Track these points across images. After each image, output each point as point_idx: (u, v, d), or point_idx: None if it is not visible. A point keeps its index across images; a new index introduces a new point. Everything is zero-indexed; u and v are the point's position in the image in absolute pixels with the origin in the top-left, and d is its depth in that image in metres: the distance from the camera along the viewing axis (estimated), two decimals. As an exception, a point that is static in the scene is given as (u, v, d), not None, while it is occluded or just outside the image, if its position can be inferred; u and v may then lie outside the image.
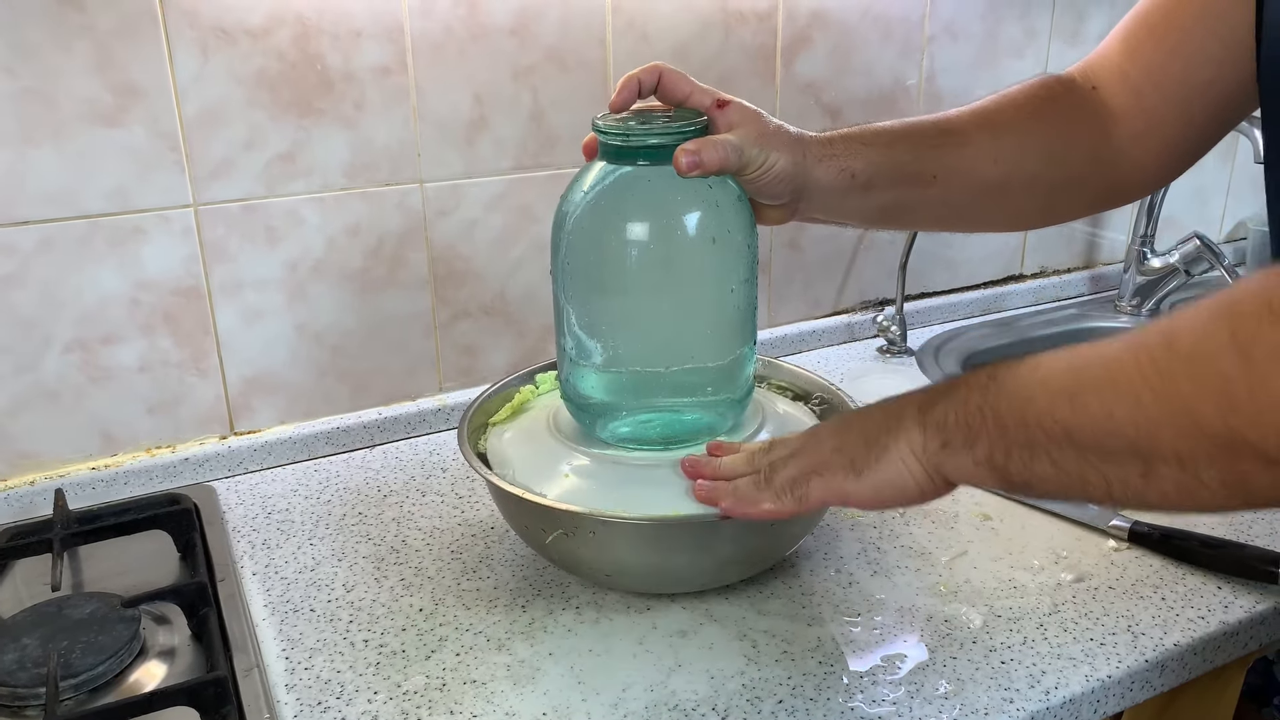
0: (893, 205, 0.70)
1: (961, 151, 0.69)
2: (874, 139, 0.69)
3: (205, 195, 0.87)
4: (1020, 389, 0.51)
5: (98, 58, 0.80)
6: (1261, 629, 0.72)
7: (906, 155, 0.68)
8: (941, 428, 0.55)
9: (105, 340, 0.87)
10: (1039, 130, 0.70)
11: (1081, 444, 0.48)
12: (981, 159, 0.69)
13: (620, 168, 0.70)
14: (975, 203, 0.72)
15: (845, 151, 0.68)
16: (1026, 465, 0.51)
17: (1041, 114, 0.71)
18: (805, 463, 0.61)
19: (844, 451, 0.60)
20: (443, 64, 0.93)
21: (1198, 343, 0.43)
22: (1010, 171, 0.70)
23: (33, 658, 0.65)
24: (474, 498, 0.88)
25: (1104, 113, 0.70)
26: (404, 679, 0.66)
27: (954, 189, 0.70)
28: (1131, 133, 0.70)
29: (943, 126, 0.70)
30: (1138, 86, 0.69)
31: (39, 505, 0.86)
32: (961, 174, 0.69)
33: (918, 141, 0.69)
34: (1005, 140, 0.70)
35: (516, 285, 1.02)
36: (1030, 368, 0.51)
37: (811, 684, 0.65)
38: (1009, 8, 1.21)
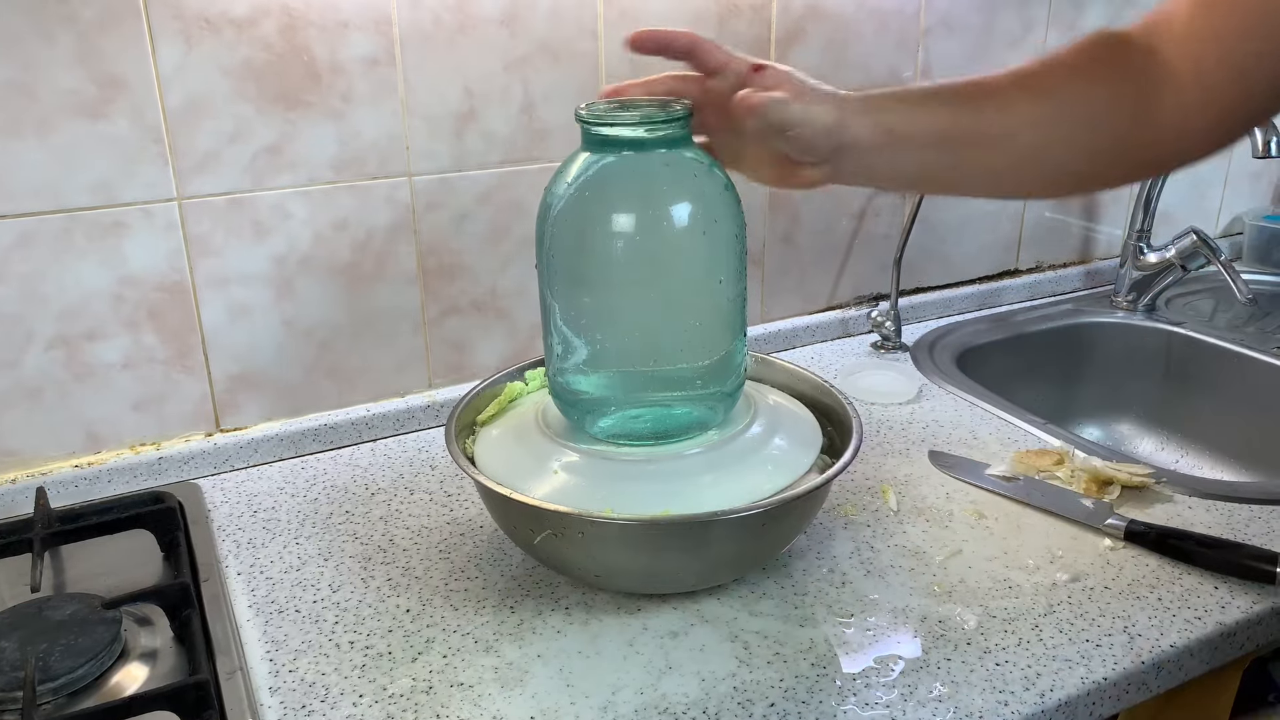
0: (930, 166, 0.69)
1: (1000, 114, 0.67)
2: (912, 98, 0.68)
3: (190, 189, 0.86)
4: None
5: (80, 48, 0.79)
6: (1259, 629, 0.72)
7: (944, 114, 0.67)
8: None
9: (88, 336, 0.85)
10: (1082, 93, 0.68)
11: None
12: (1020, 121, 0.67)
13: (604, 158, 0.69)
14: (1012, 167, 0.70)
15: (883, 107, 0.67)
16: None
17: (1088, 75, 0.68)
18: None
19: None
20: (432, 56, 0.91)
21: None
22: (1049, 135, 0.68)
23: (10, 661, 0.64)
24: (463, 496, 0.87)
25: (1158, 78, 0.67)
26: (390, 682, 0.65)
27: (991, 151, 0.68)
28: (1183, 102, 0.66)
29: (983, 87, 0.68)
30: (1199, 56, 0.66)
31: (19, 504, 0.84)
32: (999, 136, 0.68)
33: (957, 102, 0.68)
34: (1046, 103, 0.68)
35: (507, 280, 1.01)
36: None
37: (804, 686, 0.64)
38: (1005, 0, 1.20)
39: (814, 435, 0.76)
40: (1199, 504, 0.85)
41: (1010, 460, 0.90)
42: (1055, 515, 0.83)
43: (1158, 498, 0.86)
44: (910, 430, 0.98)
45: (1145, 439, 1.27)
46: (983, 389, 1.07)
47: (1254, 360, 1.17)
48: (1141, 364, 1.29)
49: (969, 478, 0.89)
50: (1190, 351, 1.25)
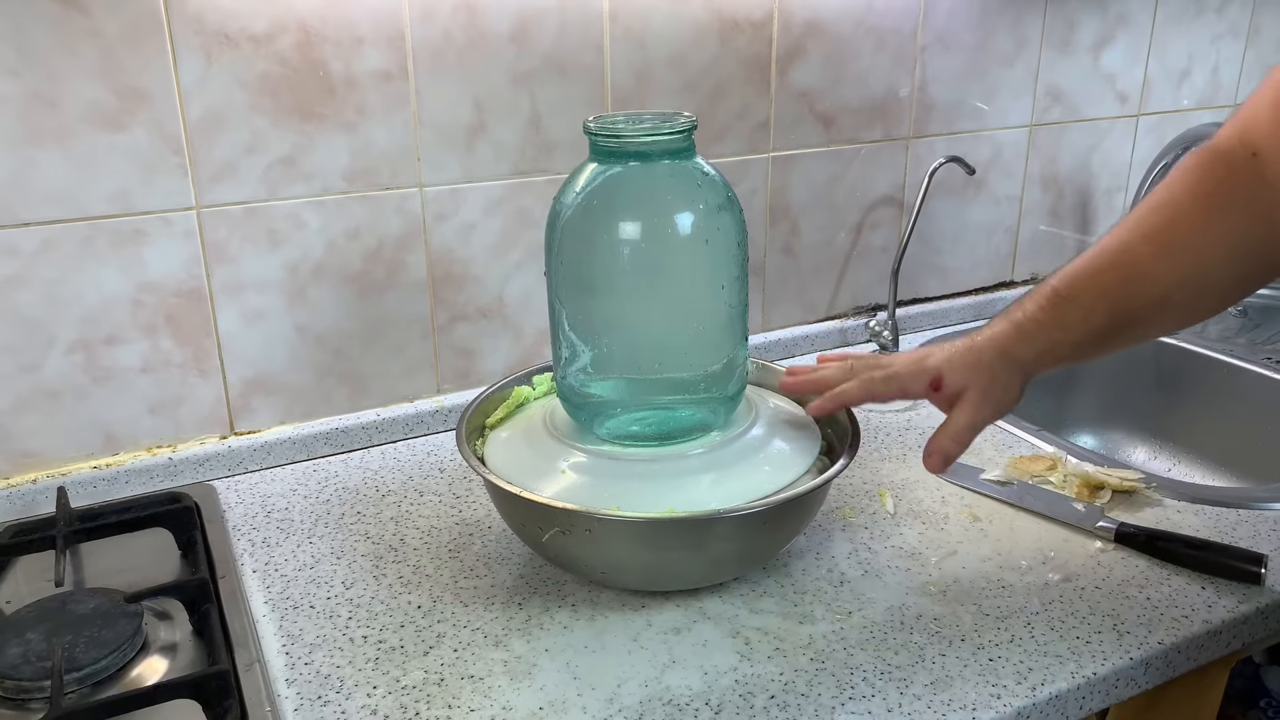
0: (1096, 354, 0.72)
1: (1150, 287, 0.69)
2: (1068, 318, 0.69)
3: (207, 198, 0.88)
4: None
5: (103, 62, 0.81)
6: (1244, 628, 0.74)
7: (1100, 317, 0.69)
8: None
9: (107, 341, 0.88)
10: (1214, 234, 0.68)
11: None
12: (1168, 285, 0.68)
13: (611, 168, 0.71)
14: (1171, 322, 0.72)
15: (1052, 345, 0.70)
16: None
17: (1209, 211, 0.69)
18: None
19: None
20: (443, 70, 0.94)
21: None
22: (1198, 285, 0.69)
23: (37, 652, 0.66)
24: (471, 498, 0.89)
25: (1271, 181, 0.68)
26: (403, 674, 0.67)
27: (1150, 324, 0.71)
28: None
29: (1125, 268, 0.69)
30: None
31: (41, 503, 0.87)
32: (1154, 309, 0.69)
33: (1107, 299, 0.69)
34: (1184, 257, 0.68)
35: (514, 289, 1.04)
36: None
37: (803, 680, 0.66)
38: (1000, 17, 1.23)
39: (813, 438, 0.79)
40: (1187, 508, 0.87)
41: (1004, 465, 0.93)
42: (1048, 518, 0.85)
43: (1147, 502, 0.88)
44: (907, 436, 1.01)
45: (1138, 448, 1.29)
46: (978, 397, 1.09)
47: (1244, 371, 1.20)
48: (1134, 374, 1.31)
49: (964, 482, 0.91)
50: (1182, 362, 1.27)
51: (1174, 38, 1.38)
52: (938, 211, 1.28)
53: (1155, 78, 1.39)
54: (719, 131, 1.09)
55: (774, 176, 1.15)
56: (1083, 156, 1.38)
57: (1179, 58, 1.39)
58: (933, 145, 1.24)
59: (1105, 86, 1.35)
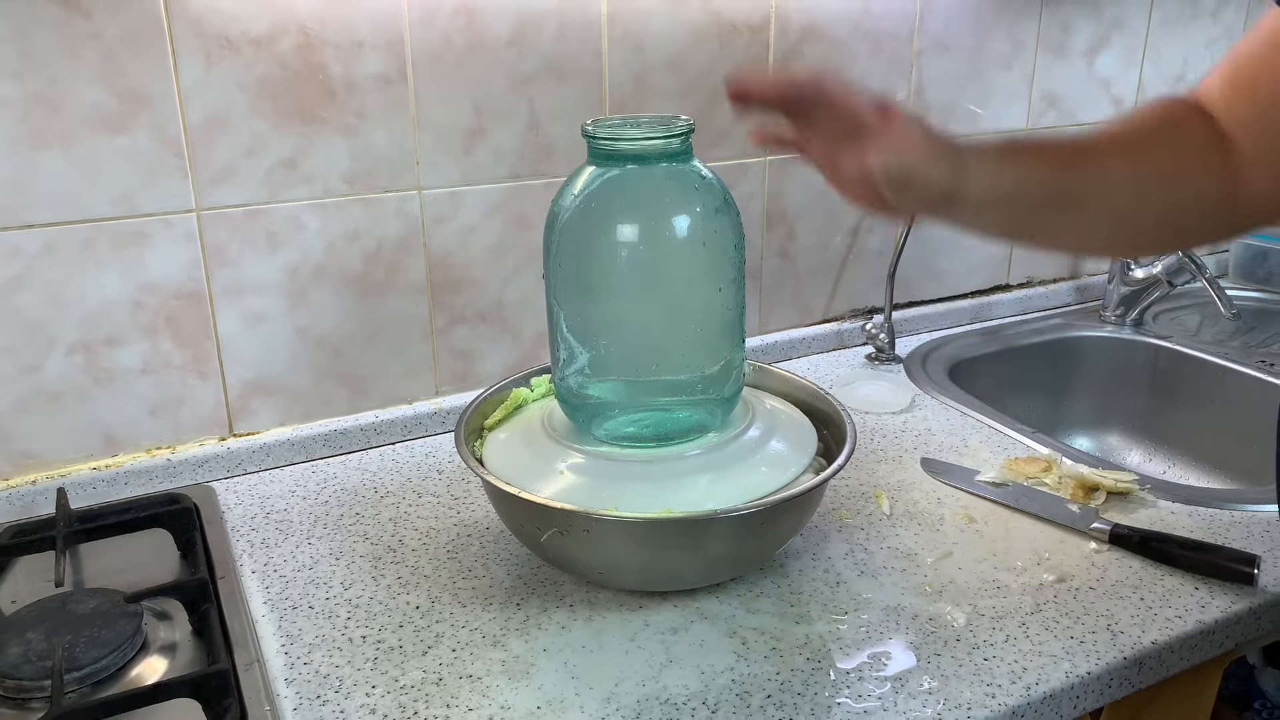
0: (1027, 223, 0.70)
1: (1099, 174, 0.68)
2: (1025, 157, 0.68)
3: (208, 200, 0.89)
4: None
5: (104, 65, 0.82)
6: (1237, 628, 0.74)
7: (1053, 177, 0.67)
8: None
9: (108, 342, 0.88)
10: (1169, 152, 0.69)
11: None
12: (1116, 181, 0.68)
13: (609, 171, 0.72)
14: (1103, 225, 0.71)
15: (999, 168, 0.67)
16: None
17: (1171, 135, 0.70)
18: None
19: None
20: (442, 74, 0.94)
21: None
22: (1140, 193, 0.69)
23: (37, 651, 0.66)
24: (469, 499, 0.90)
25: (1221, 138, 0.69)
26: (401, 674, 0.68)
27: (1087, 211, 0.69)
28: (1240, 162, 0.68)
29: (1082, 148, 0.69)
30: (1244, 118, 0.68)
31: (40, 504, 0.87)
32: (1096, 196, 0.68)
33: (1062, 164, 0.68)
34: (1138, 163, 0.69)
35: (512, 292, 1.04)
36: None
37: (799, 679, 0.67)
38: (995, 22, 1.24)
39: (810, 439, 0.79)
40: (1181, 509, 0.88)
41: (1000, 467, 0.93)
42: (1043, 519, 0.86)
43: (1142, 503, 0.89)
44: (903, 438, 1.01)
45: (1133, 450, 1.30)
46: (974, 399, 1.10)
47: (1238, 373, 1.20)
48: (1129, 377, 1.32)
49: (960, 484, 0.91)
50: (1176, 364, 1.28)
51: (1169, 42, 1.39)
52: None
53: (1150, 82, 1.40)
54: (717, 135, 1.10)
55: (771, 180, 1.16)
56: (1078, 160, 1.38)
57: (1174, 62, 1.40)
58: (929, 149, 1.24)
59: (1100, 90, 1.36)
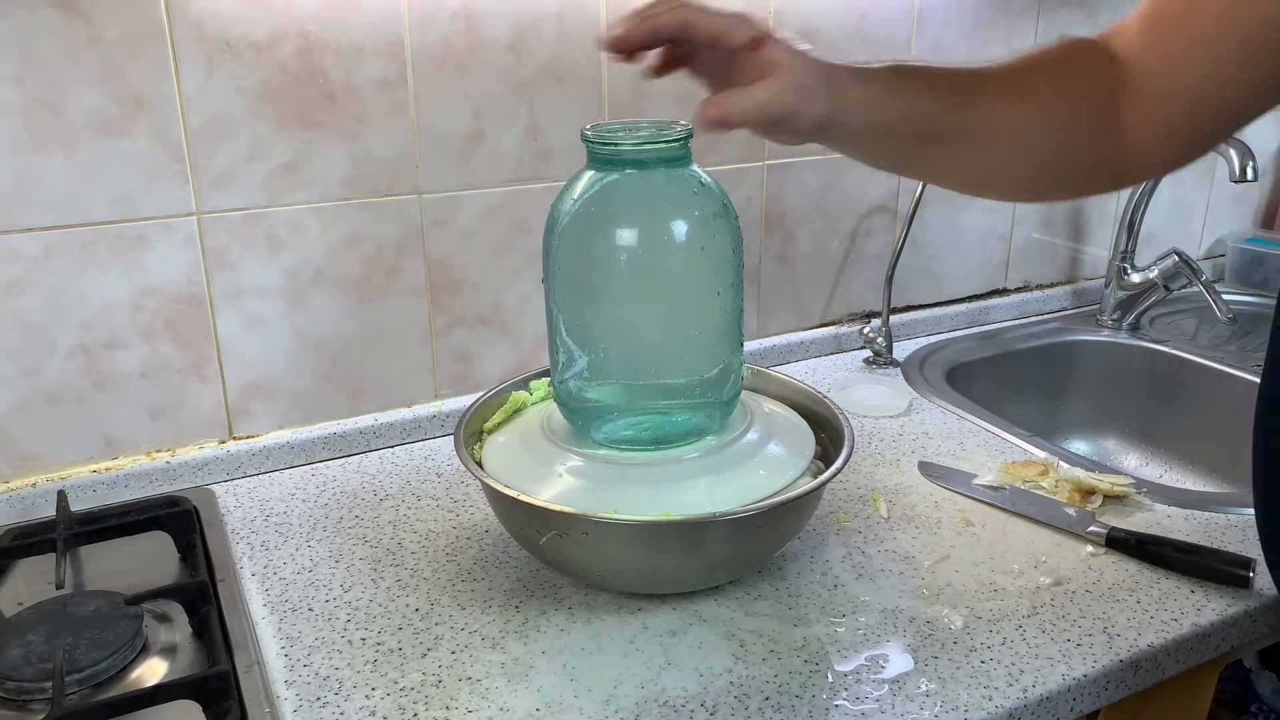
0: (911, 155, 0.70)
1: (982, 113, 0.68)
2: (902, 85, 0.67)
3: (208, 204, 0.89)
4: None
5: (105, 69, 0.82)
6: (1233, 631, 0.75)
7: (931, 108, 0.67)
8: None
9: (108, 345, 0.88)
10: (1058, 95, 0.69)
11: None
12: (1001, 120, 0.68)
13: (608, 175, 0.72)
14: (990, 165, 0.71)
15: (877, 100, 0.66)
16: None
17: (1063, 78, 0.69)
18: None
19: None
20: (442, 78, 0.95)
21: None
22: (1026, 136, 0.69)
23: (38, 653, 0.66)
24: (468, 502, 0.90)
25: (1119, 86, 0.69)
26: (401, 676, 0.68)
27: (971, 148, 0.69)
28: (1138, 115, 0.68)
29: (968, 82, 0.69)
30: (1149, 70, 0.68)
31: (40, 507, 0.87)
32: (980, 134, 0.68)
33: (943, 95, 0.68)
34: (1025, 104, 0.69)
35: (511, 295, 1.04)
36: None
37: (797, 682, 0.67)
38: (992, 28, 1.24)
39: (807, 442, 0.80)
40: (1177, 513, 0.88)
41: (997, 471, 0.94)
42: (1039, 523, 0.86)
43: (1138, 507, 0.89)
44: (901, 442, 1.02)
45: (1130, 454, 1.31)
46: (971, 403, 1.11)
47: (1234, 377, 1.21)
48: (1126, 381, 1.32)
49: (957, 487, 0.92)
50: (1173, 369, 1.28)
51: (1165, 48, 1.39)
52: (931, 219, 1.29)
53: (1146, 88, 1.40)
54: (715, 140, 1.11)
55: (769, 184, 1.16)
56: (1075, 165, 1.39)
57: (1170, 68, 1.41)
58: (926, 154, 1.25)
59: (1097, 96, 1.37)
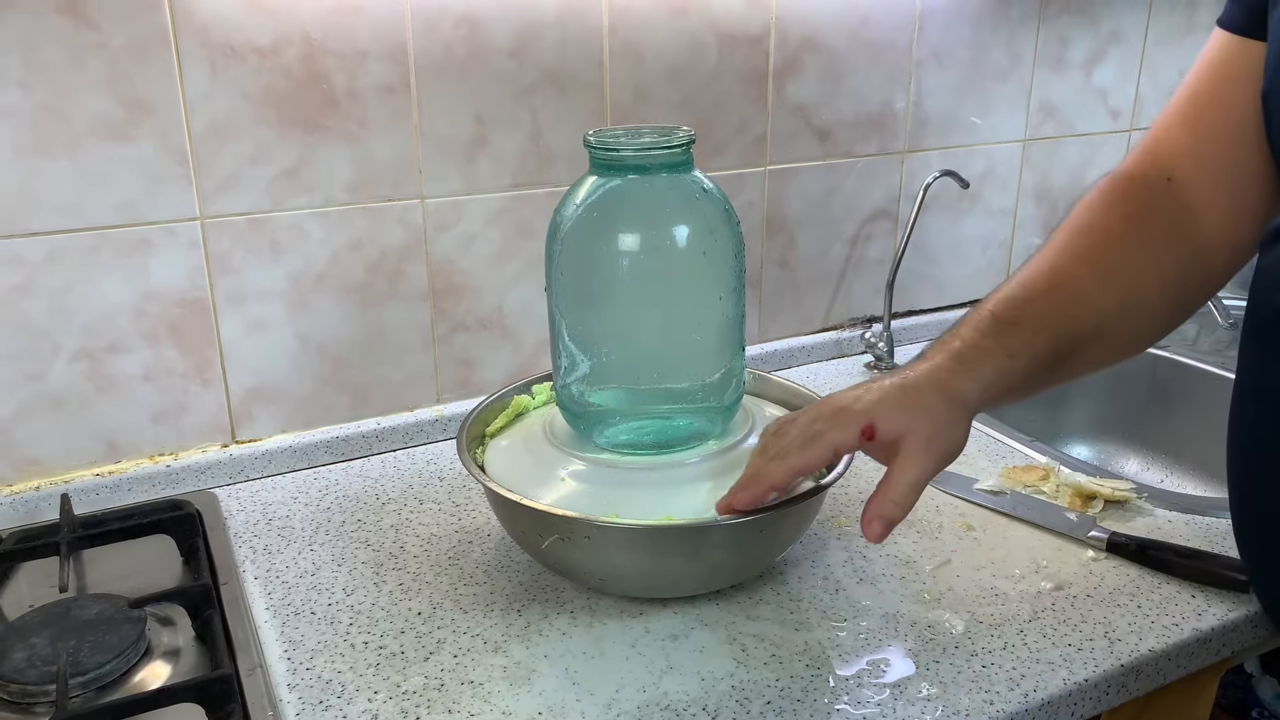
0: (1046, 384, 0.69)
1: (1091, 317, 0.67)
2: (1018, 347, 0.65)
3: (211, 209, 0.89)
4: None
5: (110, 74, 0.82)
6: (1234, 636, 0.75)
7: (1042, 344, 0.65)
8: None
9: (111, 350, 0.89)
10: (1147, 258, 0.67)
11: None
12: (1105, 313, 0.67)
13: (611, 181, 0.72)
14: (1110, 350, 0.70)
15: (996, 382, 0.64)
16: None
17: (1143, 238, 0.68)
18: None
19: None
20: (444, 83, 0.95)
21: None
22: (1135, 316, 0.68)
23: (42, 656, 0.66)
24: (470, 506, 0.90)
25: (1191, 204, 0.68)
26: (403, 679, 0.68)
27: (1090, 349, 0.68)
28: (1221, 213, 0.67)
29: (1061, 289, 0.67)
30: (1215, 165, 0.67)
31: (44, 510, 0.87)
32: (1095, 337, 0.67)
33: (1053, 326, 0.66)
34: (1118, 285, 0.67)
35: (513, 300, 1.05)
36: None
37: (799, 686, 0.67)
38: (993, 34, 1.25)
39: (809, 448, 0.80)
40: (1178, 518, 0.88)
41: (998, 475, 0.94)
42: (1040, 528, 0.86)
43: (1139, 512, 0.89)
44: (902, 447, 1.02)
45: (1131, 459, 1.31)
46: (972, 408, 1.11)
47: (1235, 383, 1.21)
48: (1127, 386, 1.33)
49: (958, 491, 0.92)
50: (1174, 374, 1.28)
51: (1165, 55, 1.40)
52: (932, 225, 1.29)
53: (1146, 94, 1.41)
54: (717, 145, 1.11)
55: (771, 189, 1.16)
56: (1075, 171, 1.39)
57: (1170, 75, 1.41)
58: (927, 159, 1.26)
59: (1097, 102, 1.37)
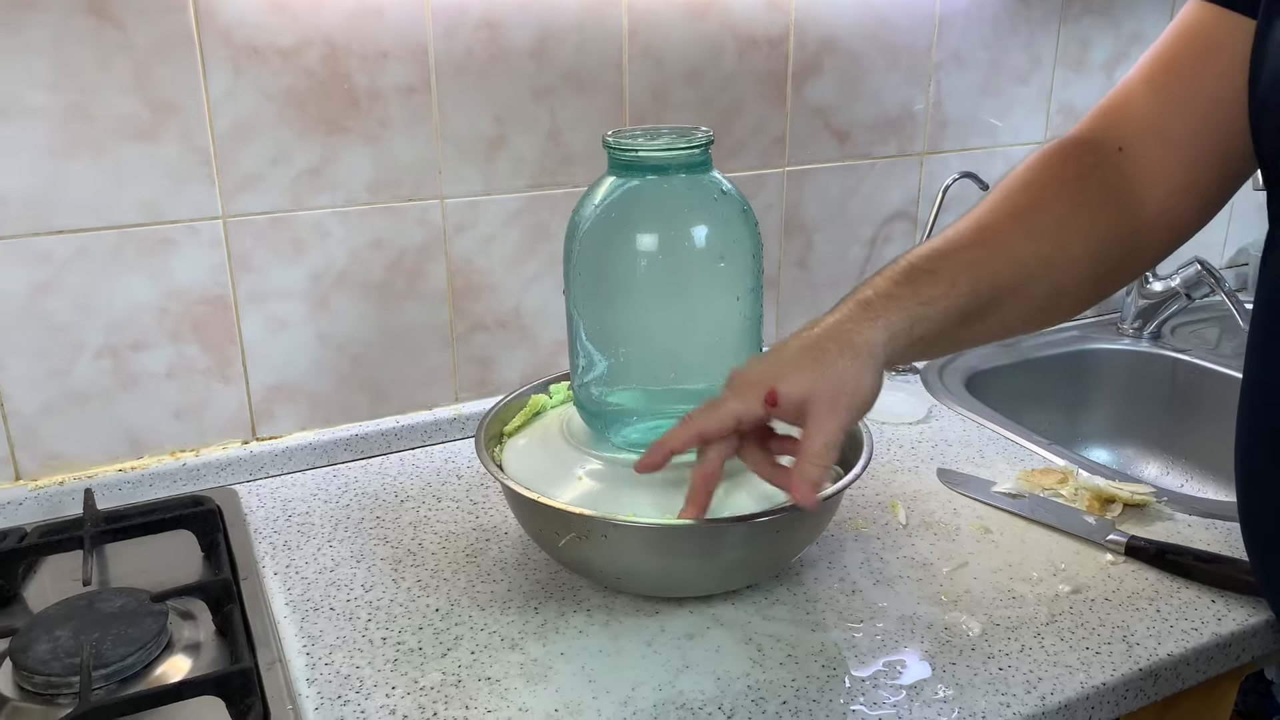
0: (961, 338, 0.68)
1: (1012, 270, 0.66)
2: (933, 294, 0.64)
3: (234, 208, 0.90)
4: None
5: (136, 75, 0.83)
6: (1254, 641, 0.74)
7: (964, 297, 0.65)
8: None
9: (134, 347, 0.90)
10: (1080, 221, 0.66)
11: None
12: (1031, 270, 0.66)
13: (629, 181, 0.73)
14: (1034, 309, 0.69)
15: (906, 329, 0.63)
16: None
17: (1078, 201, 0.67)
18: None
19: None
20: (465, 84, 0.96)
21: None
22: (1062, 274, 0.67)
23: (65, 649, 0.67)
24: (488, 504, 0.91)
25: (1139, 177, 0.66)
26: (421, 675, 0.68)
27: (1011, 307, 0.67)
28: (1171, 190, 0.66)
29: (986, 242, 0.66)
30: (1175, 139, 0.65)
31: (67, 505, 0.88)
32: (1015, 291, 0.66)
33: (972, 275, 0.65)
34: (1048, 243, 0.66)
35: (531, 299, 1.05)
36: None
37: (815, 686, 0.67)
38: (1013, 36, 1.24)
39: (826, 449, 0.80)
40: (1198, 522, 0.88)
41: (1016, 478, 0.94)
42: (1059, 531, 0.86)
43: (1158, 515, 0.89)
44: (920, 449, 1.02)
45: (1150, 463, 1.30)
46: (991, 411, 1.10)
47: (1257, 387, 1.20)
48: (1147, 390, 1.32)
49: (976, 494, 0.92)
50: (1194, 378, 1.27)
51: (1188, 56, 1.38)
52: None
53: (1169, 96, 1.39)
54: (735, 146, 1.11)
55: (789, 191, 1.16)
56: (1096, 173, 1.38)
57: (1193, 76, 1.40)
58: (946, 161, 1.25)
59: (1119, 104, 1.36)
